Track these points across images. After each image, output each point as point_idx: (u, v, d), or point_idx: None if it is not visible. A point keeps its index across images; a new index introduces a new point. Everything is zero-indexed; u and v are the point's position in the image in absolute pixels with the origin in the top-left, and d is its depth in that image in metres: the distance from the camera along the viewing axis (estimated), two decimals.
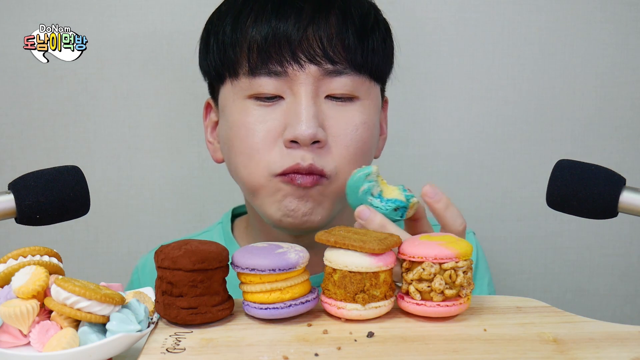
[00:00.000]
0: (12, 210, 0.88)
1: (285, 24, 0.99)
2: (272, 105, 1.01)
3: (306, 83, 0.99)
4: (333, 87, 1.01)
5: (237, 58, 1.01)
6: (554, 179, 0.90)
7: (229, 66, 1.03)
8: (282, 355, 0.71)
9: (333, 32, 1.00)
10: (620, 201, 0.86)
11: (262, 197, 1.02)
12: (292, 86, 0.99)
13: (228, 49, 1.02)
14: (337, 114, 1.01)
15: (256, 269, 0.77)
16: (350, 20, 1.02)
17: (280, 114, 1.00)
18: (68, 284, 0.71)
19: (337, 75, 1.00)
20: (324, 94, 1.01)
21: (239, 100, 1.02)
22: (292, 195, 1.00)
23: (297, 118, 0.98)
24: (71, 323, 0.73)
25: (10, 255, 0.79)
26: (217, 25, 1.06)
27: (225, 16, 1.05)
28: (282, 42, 0.98)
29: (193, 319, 0.77)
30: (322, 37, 0.99)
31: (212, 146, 1.14)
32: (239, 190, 1.13)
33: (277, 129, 1.00)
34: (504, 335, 0.76)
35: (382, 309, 0.79)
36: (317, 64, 0.99)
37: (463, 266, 0.79)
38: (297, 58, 0.98)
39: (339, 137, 1.01)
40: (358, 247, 0.78)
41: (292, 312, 0.79)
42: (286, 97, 1.00)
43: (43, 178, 0.89)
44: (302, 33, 0.98)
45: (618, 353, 0.72)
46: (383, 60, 1.06)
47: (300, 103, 0.99)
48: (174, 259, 0.77)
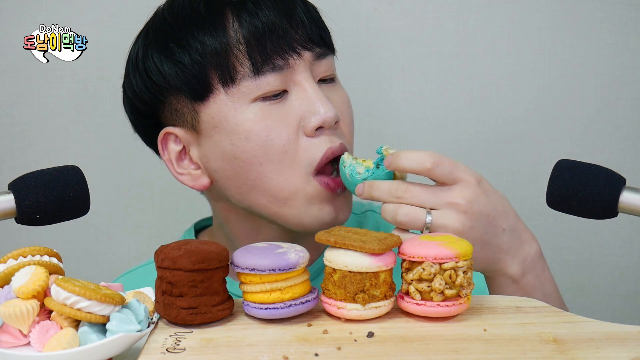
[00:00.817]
0: (12, 210, 0.88)
1: (270, 15, 0.97)
2: (280, 101, 0.98)
3: (305, 70, 0.99)
4: (322, 70, 1.01)
5: (232, 62, 0.96)
6: (554, 179, 0.90)
7: (222, 74, 0.96)
8: (282, 355, 0.71)
9: (308, 16, 1.00)
10: (620, 201, 0.86)
11: (297, 205, 0.99)
12: (293, 77, 0.98)
13: (218, 56, 0.96)
14: (332, 94, 1.01)
15: (256, 269, 0.77)
16: (309, 5, 1.03)
17: (291, 107, 0.98)
18: (68, 284, 0.71)
19: (323, 57, 1.01)
20: (316, 78, 1.01)
21: (243, 106, 0.97)
22: (329, 203, 0.99)
23: (313, 105, 0.97)
24: (71, 323, 0.73)
25: (10, 255, 0.79)
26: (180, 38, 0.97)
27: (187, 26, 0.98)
28: (277, 35, 0.96)
29: (193, 319, 0.77)
30: (303, 21, 0.99)
31: (187, 176, 1.04)
32: None
33: (294, 123, 0.97)
34: (504, 335, 0.76)
35: (382, 309, 0.79)
36: (309, 49, 0.99)
37: (463, 266, 0.78)
38: (294, 47, 0.97)
39: (342, 116, 1.01)
40: (358, 247, 0.78)
41: (292, 312, 0.79)
42: (290, 90, 0.99)
43: (43, 178, 0.89)
44: (288, 21, 0.98)
45: (618, 353, 0.72)
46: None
47: (309, 90, 0.98)
48: (174, 259, 0.76)
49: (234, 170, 0.99)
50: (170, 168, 1.05)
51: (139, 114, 1.07)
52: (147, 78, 1.01)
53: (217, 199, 1.08)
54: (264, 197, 0.99)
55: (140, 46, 1.04)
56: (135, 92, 1.04)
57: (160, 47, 1.00)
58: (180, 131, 1.02)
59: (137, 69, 1.03)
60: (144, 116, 1.06)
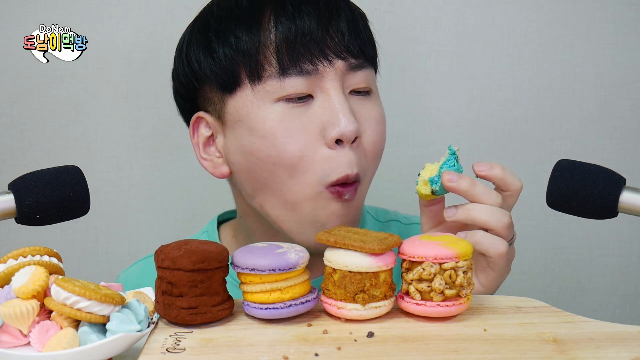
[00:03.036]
0: (12, 210, 0.88)
1: (309, 21, 0.97)
2: (304, 105, 0.97)
3: (335, 79, 0.97)
4: (355, 82, 1.00)
5: (261, 61, 0.97)
6: (554, 179, 0.90)
7: (250, 70, 0.97)
8: (282, 355, 0.71)
9: (350, 27, 0.99)
10: (620, 201, 0.86)
11: (304, 212, 0.98)
12: (321, 84, 0.97)
13: (249, 53, 0.97)
14: (362, 108, 1.00)
15: (256, 269, 0.77)
16: (357, 14, 1.02)
17: (314, 114, 0.97)
18: (68, 284, 0.71)
19: (358, 69, 1.00)
20: (347, 89, 0.99)
21: (266, 104, 0.97)
22: (337, 217, 0.98)
23: (336, 115, 0.96)
24: (71, 323, 0.73)
25: (10, 255, 0.79)
26: (220, 30, 1.00)
27: (228, 20, 1.00)
28: (309, 40, 0.96)
29: (193, 319, 0.77)
30: (343, 31, 0.98)
31: (209, 162, 1.06)
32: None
33: (316, 129, 0.96)
34: (504, 335, 0.76)
35: (382, 309, 0.79)
36: (343, 58, 0.98)
37: (463, 266, 0.79)
38: (326, 54, 0.97)
39: (367, 132, 0.99)
40: (358, 247, 0.78)
41: (292, 312, 0.79)
42: (316, 96, 0.98)
43: (43, 178, 0.89)
44: (325, 29, 0.97)
45: (618, 353, 0.72)
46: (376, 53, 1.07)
47: (334, 100, 0.97)
48: (174, 259, 0.76)
49: (249, 166, 1.00)
50: (197, 151, 1.08)
51: (180, 97, 1.10)
52: (187, 64, 1.05)
53: (238, 192, 1.10)
54: (274, 198, 1.00)
55: (187, 33, 1.07)
56: (178, 74, 1.08)
57: (202, 35, 1.03)
58: (210, 118, 1.04)
59: (181, 54, 1.07)
60: (184, 99, 1.09)
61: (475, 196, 0.89)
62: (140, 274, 1.18)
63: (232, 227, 1.19)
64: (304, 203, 0.98)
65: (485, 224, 0.88)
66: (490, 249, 0.88)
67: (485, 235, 0.88)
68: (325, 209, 0.98)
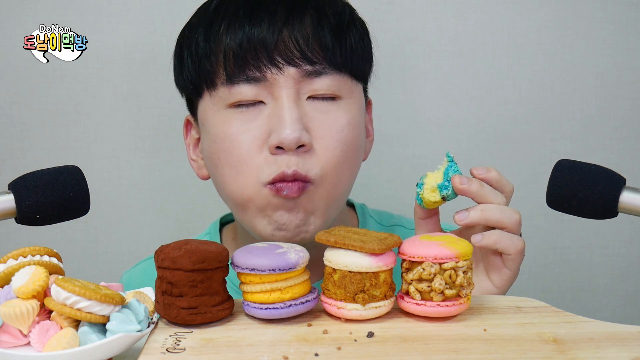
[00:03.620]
0: (12, 210, 0.88)
1: (260, 28, 0.97)
2: (253, 111, 0.98)
3: (286, 86, 0.97)
4: (314, 88, 0.98)
5: (213, 68, 0.99)
6: (554, 179, 0.90)
7: (205, 78, 1.00)
8: (282, 355, 0.71)
9: (309, 33, 0.98)
10: (620, 201, 0.86)
11: (252, 211, 1.00)
12: (272, 91, 0.97)
13: (203, 60, 1.00)
14: (321, 115, 0.99)
15: (256, 269, 0.77)
16: (325, 20, 1.00)
17: (263, 120, 0.98)
18: (68, 284, 0.71)
19: (316, 75, 0.98)
20: (305, 95, 0.98)
21: (219, 111, 1.00)
22: (282, 208, 0.98)
23: (281, 122, 0.95)
24: (71, 323, 0.73)
25: (10, 255, 0.79)
26: (189, 37, 1.03)
27: (196, 28, 1.02)
28: (258, 47, 0.96)
29: (193, 319, 0.77)
30: (298, 38, 0.97)
31: (195, 163, 1.11)
32: None
33: (262, 136, 0.97)
34: (504, 335, 0.76)
35: (382, 309, 0.79)
36: (295, 65, 0.97)
37: (463, 266, 0.79)
38: (275, 61, 0.96)
39: (324, 139, 0.98)
40: (358, 247, 0.78)
41: (292, 312, 0.79)
42: (267, 103, 0.98)
43: (43, 178, 0.89)
44: (278, 36, 0.97)
45: (618, 353, 0.72)
46: (362, 59, 1.05)
47: (282, 107, 0.96)
48: (174, 259, 0.77)
49: (210, 169, 1.06)
50: (188, 152, 1.12)
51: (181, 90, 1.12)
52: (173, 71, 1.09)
53: None
54: (228, 200, 1.04)
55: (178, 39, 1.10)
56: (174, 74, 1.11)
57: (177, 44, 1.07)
58: (194, 121, 1.08)
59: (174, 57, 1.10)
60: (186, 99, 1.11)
61: (484, 196, 0.90)
62: (143, 274, 1.18)
63: (232, 229, 1.20)
64: (248, 203, 1.00)
65: (499, 222, 0.89)
66: (510, 246, 0.89)
67: (503, 234, 0.89)
68: (269, 205, 0.98)
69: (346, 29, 1.02)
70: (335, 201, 1.02)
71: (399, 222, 1.22)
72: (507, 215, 0.89)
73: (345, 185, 1.03)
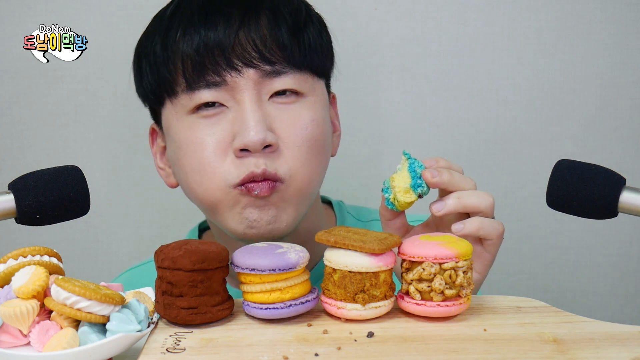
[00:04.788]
0: (12, 210, 0.88)
1: (215, 31, 0.96)
2: (216, 115, 0.98)
3: (247, 88, 0.96)
4: (275, 87, 0.98)
5: (173, 76, 0.98)
6: (554, 179, 0.90)
7: (165, 86, 1.00)
8: (282, 355, 0.71)
9: (266, 33, 0.97)
10: (620, 201, 0.86)
11: (222, 211, 0.99)
12: (233, 94, 0.97)
13: (161, 69, 0.99)
14: (285, 114, 0.98)
15: (256, 269, 0.77)
16: (281, 19, 0.99)
17: (227, 123, 0.97)
18: (68, 284, 0.71)
19: (276, 75, 0.98)
20: (266, 95, 0.98)
21: (182, 117, 0.99)
22: (252, 205, 0.97)
23: (244, 125, 0.95)
24: (71, 323, 0.73)
25: (10, 255, 0.79)
26: (147, 46, 1.03)
27: (153, 36, 1.02)
28: (215, 51, 0.96)
29: (193, 319, 0.77)
30: (254, 39, 0.97)
31: (163, 172, 1.10)
32: None
33: (226, 139, 0.97)
34: (504, 335, 0.76)
35: (382, 309, 0.79)
36: (254, 67, 0.96)
37: (463, 266, 0.79)
38: (233, 64, 0.96)
39: (289, 137, 0.98)
40: (358, 247, 0.78)
41: (292, 312, 0.79)
42: (229, 106, 0.98)
43: (43, 178, 0.89)
44: (234, 38, 0.96)
45: (618, 353, 0.72)
46: (322, 55, 1.04)
47: (244, 109, 0.96)
48: (174, 259, 0.77)
49: (177, 175, 1.05)
50: (155, 160, 1.12)
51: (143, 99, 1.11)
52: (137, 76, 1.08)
53: None
54: (198, 204, 1.04)
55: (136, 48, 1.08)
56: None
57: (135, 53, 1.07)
58: (159, 130, 1.08)
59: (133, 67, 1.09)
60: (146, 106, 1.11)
61: (456, 184, 0.89)
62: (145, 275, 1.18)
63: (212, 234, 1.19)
64: (218, 205, 0.99)
65: (476, 207, 0.89)
66: (491, 232, 0.89)
67: (484, 220, 0.89)
68: (239, 204, 0.98)
69: (303, 26, 1.01)
70: (306, 198, 1.02)
71: (376, 217, 1.21)
72: (483, 200, 0.89)
73: (315, 181, 1.02)
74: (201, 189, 0.99)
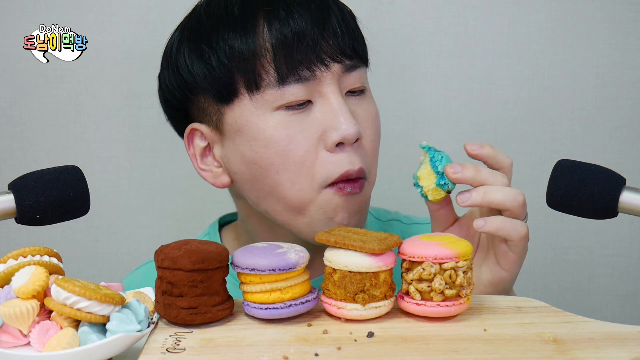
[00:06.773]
0: (12, 210, 0.88)
1: (303, 25, 0.95)
2: (304, 111, 0.97)
3: (333, 82, 0.97)
4: (351, 83, 0.99)
5: (258, 70, 0.95)
6: (554, 179, 0.90)
7: (247, 81, 0.96)
8: (282, 355, 0.71)
9: (342, 27, 0.98)
10: (620, 201, 0.86)
11: (311, 214, 0.98)
12: (319, 88, 0.96)
13: (245, 62, 0.96)
14: (359, 108, 0.99)
15: (256, 269, 0.77)
16: (346, 13, 1.01)
17: (314, 119, 0.96)
18: (68, 284, 0.71)
19: (353, 70, 0.99)
20: (344, 90, 0.99)
21: (266, 113, 0.96)
22: (343, 209, 0.97)
23: (336, 119, 0.95)
24: (71, 323, 0.73)
25: (10, 255, 0.79)
26: (212, 39, 0.98)
27: (220, 28, 0.98)
28: (306, 45, 0.95)
29: (193, 319, 0.77)
30: (336, 32, 0.97)
31: (208, 173, 1.05)
32: None
33: (316, 135, 0.96)
34: (504, 335, 0.76)
35: (382, 309, 0.79)
36: (339, 61, 0.97)
37: (463, 266, 0.79)
38: (322, 59, 0.96)
39: (366, 132, 0.99)
40: (358, 247, 0.78)
41: (292, 312, 0.79)
42: (315, 101, 0.97)
43: (43, 178, 0.89)
44: (320, 32, 0.96)
45: (618, 353, 0.72)
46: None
47: (333, 104, 0.96)
48: (174, 259, 0.77)
49: (252, 175, 0.99)
50: (194, 163, 1.06)
51: (171, 106, 1.08)
52: (178, 74, 1.02)
53: (239, 197, 1.09)
54: (279, 205, 1.00)
55: (175, 41, 1.04)
56: (167, 85, 1.06)
57: (193, 45, 1.01)
58: (206, 129, 1.03)
59: (169, 64, 1.04)
60: (175, 109, 1.07)
61: (482, 181, 0.88)
62: (145, 277, 1.18)
63: (233, 229, 1.18)
64: (309, 206, 0.98)
65: (502, 204, 0.87)
66: (512, 233, 0.87)
67: (506, 220, 0.87)
68: (329, 204, 0.97)
69: (355, 20, 1.03)
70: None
71: (395, 217, 1.22)
72: (510, 198, 0.87)
73: None
74: (294, 189, 0.97)
